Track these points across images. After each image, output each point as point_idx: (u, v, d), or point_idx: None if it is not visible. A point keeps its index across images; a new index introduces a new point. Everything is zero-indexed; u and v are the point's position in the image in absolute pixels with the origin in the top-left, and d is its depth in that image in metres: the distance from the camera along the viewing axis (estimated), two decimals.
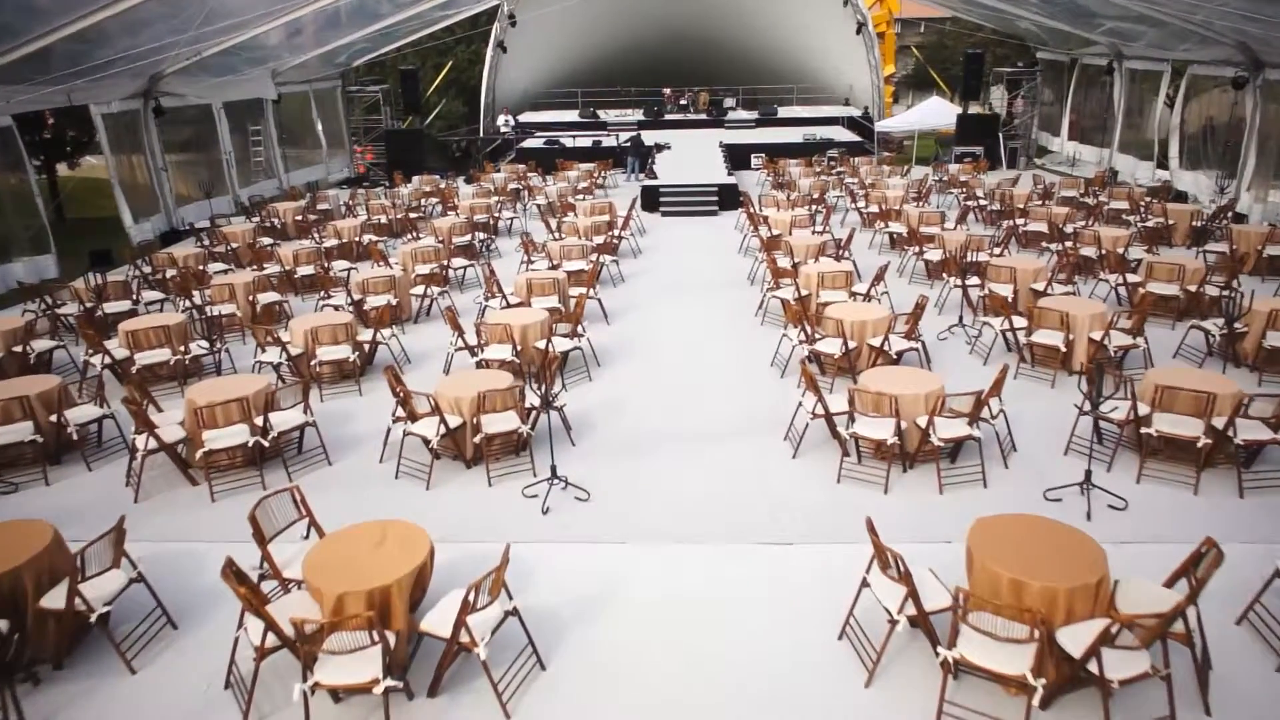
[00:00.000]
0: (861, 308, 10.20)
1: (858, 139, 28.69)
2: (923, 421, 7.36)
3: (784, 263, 13.01)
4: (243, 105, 22.44)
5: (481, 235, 16.55)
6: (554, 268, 13.30)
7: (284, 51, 22.10)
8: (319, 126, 26.02)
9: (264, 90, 22.99)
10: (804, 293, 11.51)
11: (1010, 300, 10.62)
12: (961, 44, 37.09)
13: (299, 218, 18.02)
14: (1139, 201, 17.00)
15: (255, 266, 14.13)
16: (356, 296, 11.86)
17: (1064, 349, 9.36)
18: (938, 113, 29.00)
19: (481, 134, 31.80)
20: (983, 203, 17.76)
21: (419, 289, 12.45)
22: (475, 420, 7.63)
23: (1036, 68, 28.11)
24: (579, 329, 10.24)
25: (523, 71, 34.20)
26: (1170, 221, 15.44)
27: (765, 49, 34.86)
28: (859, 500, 7.14)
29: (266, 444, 7.60)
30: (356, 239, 16.12)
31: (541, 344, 9.72)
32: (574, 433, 8.51)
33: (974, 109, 28.74)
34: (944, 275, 12.79)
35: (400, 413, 7.92)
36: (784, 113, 33.17)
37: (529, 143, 28.63)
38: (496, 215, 18.05)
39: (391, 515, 7.03)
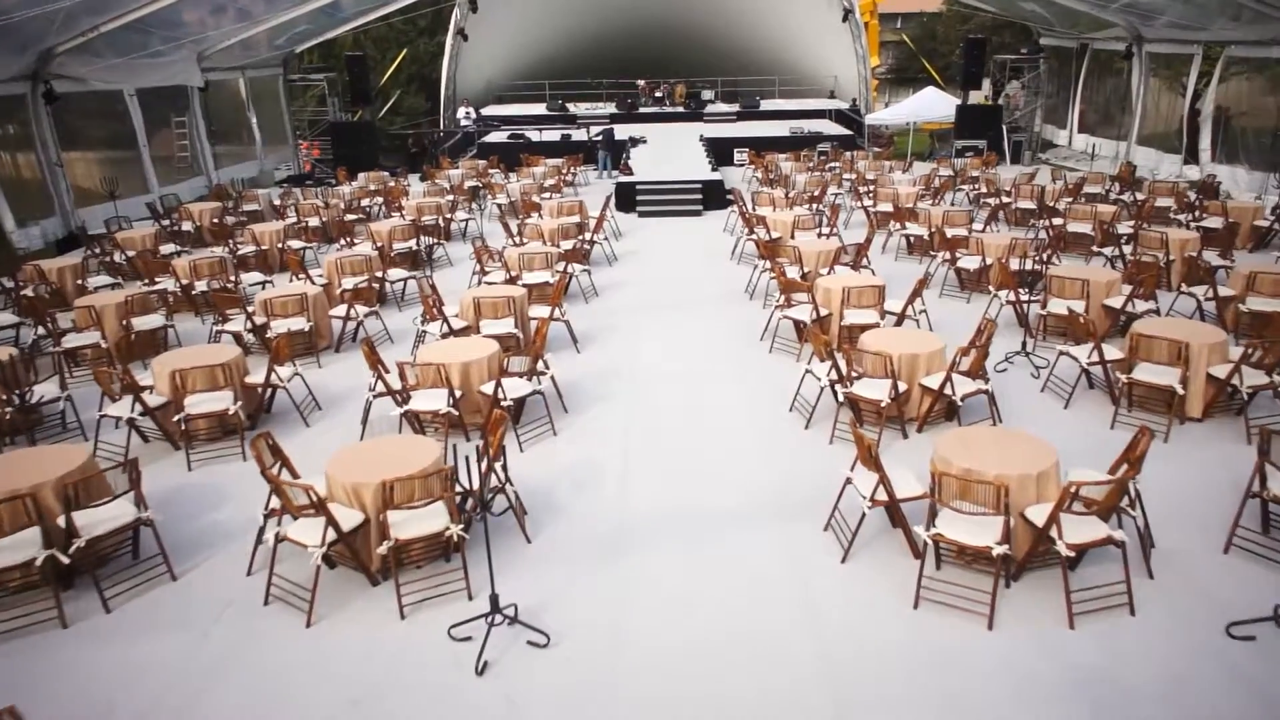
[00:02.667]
0: (906, 335, 7.88)
1: (847, 132, 26.47)
2: (1036, 515, 5.05)
3: (792, 273, 10.70)
4: (163, 93, 19.75)
5: (429, 240, 14.07)
6: (512, 280, 10.88)
7: (208, 29, 19.40)
8: (253, 119, 23.33)
9: (188, 76, 20.29)
10: (823, 312, 9.19)
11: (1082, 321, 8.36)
12: (953, 31, 35.08)
13: (216, 220, 15.40)
14: (1184, 197, 14.88)
15: (148, 281, 11.57)
16: (260, 320, 9.38)
17: (1180, 390, 7.08)
18: (934, 104, 26.92)
19: (442, 127, 29.24)
20: (1007, 200, 15.53)
21: (341, 309, 9.95)
22: (382, 517, 5.20)
23: (1040, 54, 26.04)
24: (540, 364, 7.83)
25: (486, 62, 31.65)
26: (1230, 221, 13.29)
27: (745, 39, 32.60)
28: (953, 642, 4.79)
29: (67, 559, 5.11)
30: (280, 245, 13.58)
31: (489, 388, 7.30)
32: (530, 521, 6.09)
33: (973, 99, 26.57)
34: (988, 288, 10.53)
35: (276, 502, 5.47)
36: (766, 105, 30.93)
37: (492, 137, 26.12)
38: (448, 216, 15.56)
39: (242, 681, 4.56)
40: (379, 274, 11.44)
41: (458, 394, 7.21)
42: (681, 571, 5.53)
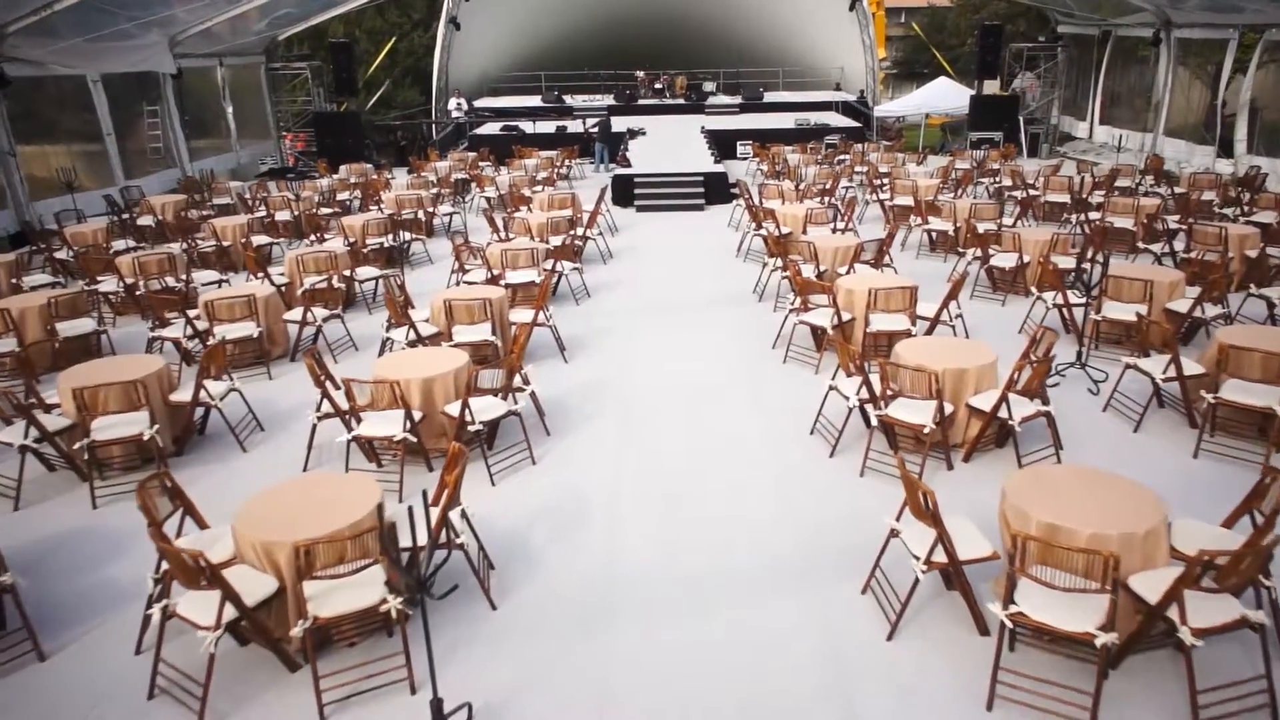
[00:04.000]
0: (949, 346, 6.71)
1: (855, 125, 25.28)
2: (1145, 588, 3.89)
3: (808, 272, 9.54)
4: (132, 80, 18.56)
5: (408, 235, 12.89)
6: (494, 280, 9.72)
7: (180, 10, 18.16)
8: (229, 108, 22.15)
9: (159, 62, 19.09)
10: (845, 316, 8.03)
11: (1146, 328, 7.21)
12: (964, 21, 33.86)
13: (179, 214, 14.23)
14: (1227, 191, 13.71)
15: (88, 280, 10.41)
16: (202, 325, 8.22)
17: None
18: (947, 95, 25.80)
19: (434, 119, 28.02)
20: (1034, 193, 14.36)
21: (298, 312, 8.77)
22: (299, 589, 4.04)
23: (1059, 43, 24.83)
24: (518, 379, 6.67)
25: (480, 52, 30.42)
26: None
27: (748, 29, 31.40)
28: None
29: None
30: (243, 240, 12.41)
31: (454, 408, 6.14)
32: (497, 578, 4.93)
33: (987, 90, 25.37)
34: (1029, 289, 9.39)
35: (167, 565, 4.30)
36: (770, 97, 29.74)
37: (484, 129, 24.91)
38: (430, 210, 14.39)
39: None
40: (346, 272, 10.28)
41: (417, 416, 6.06)
42: (682, 647, 4.37)
